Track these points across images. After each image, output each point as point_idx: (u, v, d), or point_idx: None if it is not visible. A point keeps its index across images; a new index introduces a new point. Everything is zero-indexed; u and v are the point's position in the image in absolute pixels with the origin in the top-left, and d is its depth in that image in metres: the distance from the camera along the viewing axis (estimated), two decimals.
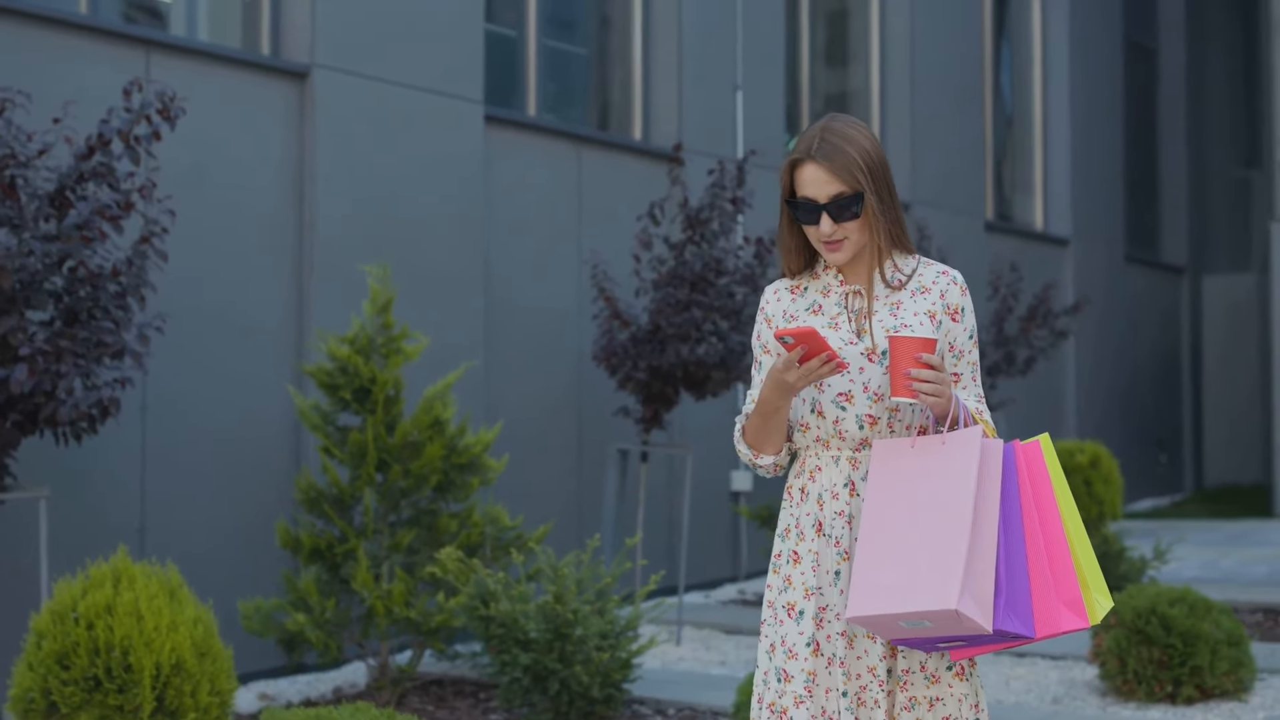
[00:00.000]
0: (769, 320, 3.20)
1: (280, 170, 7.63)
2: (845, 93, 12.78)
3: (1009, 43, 15.03)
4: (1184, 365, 17.82)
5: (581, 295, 9.18)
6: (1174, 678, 6.28)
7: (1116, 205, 16.16)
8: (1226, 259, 19.14)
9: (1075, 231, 15.07)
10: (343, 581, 6.56)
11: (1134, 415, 16.35)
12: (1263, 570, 9.96)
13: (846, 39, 12.83)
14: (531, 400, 8.86)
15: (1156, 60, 17.78)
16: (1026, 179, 15.20)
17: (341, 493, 6.47)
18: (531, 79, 9.58)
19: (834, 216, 3.04)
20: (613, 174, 9.64)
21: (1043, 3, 15.20)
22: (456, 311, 8.30)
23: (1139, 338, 16.63)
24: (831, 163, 3.03)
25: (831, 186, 3.03)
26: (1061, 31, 15.15)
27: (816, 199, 3.05)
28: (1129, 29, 16.88)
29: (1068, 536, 2.99)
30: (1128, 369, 16.19)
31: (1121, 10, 16.52)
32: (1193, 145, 18.06)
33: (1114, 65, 16.25)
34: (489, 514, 6.81)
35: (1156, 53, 17.75)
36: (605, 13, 10.41)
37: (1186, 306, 17.90)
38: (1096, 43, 15.82)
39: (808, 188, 3.05)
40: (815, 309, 3.15)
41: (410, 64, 8.17)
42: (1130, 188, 16.72)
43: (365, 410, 6.56)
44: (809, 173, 3.04)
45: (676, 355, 7.66)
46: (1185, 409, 17.72)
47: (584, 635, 5.83)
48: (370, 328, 6.69)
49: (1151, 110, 17.73)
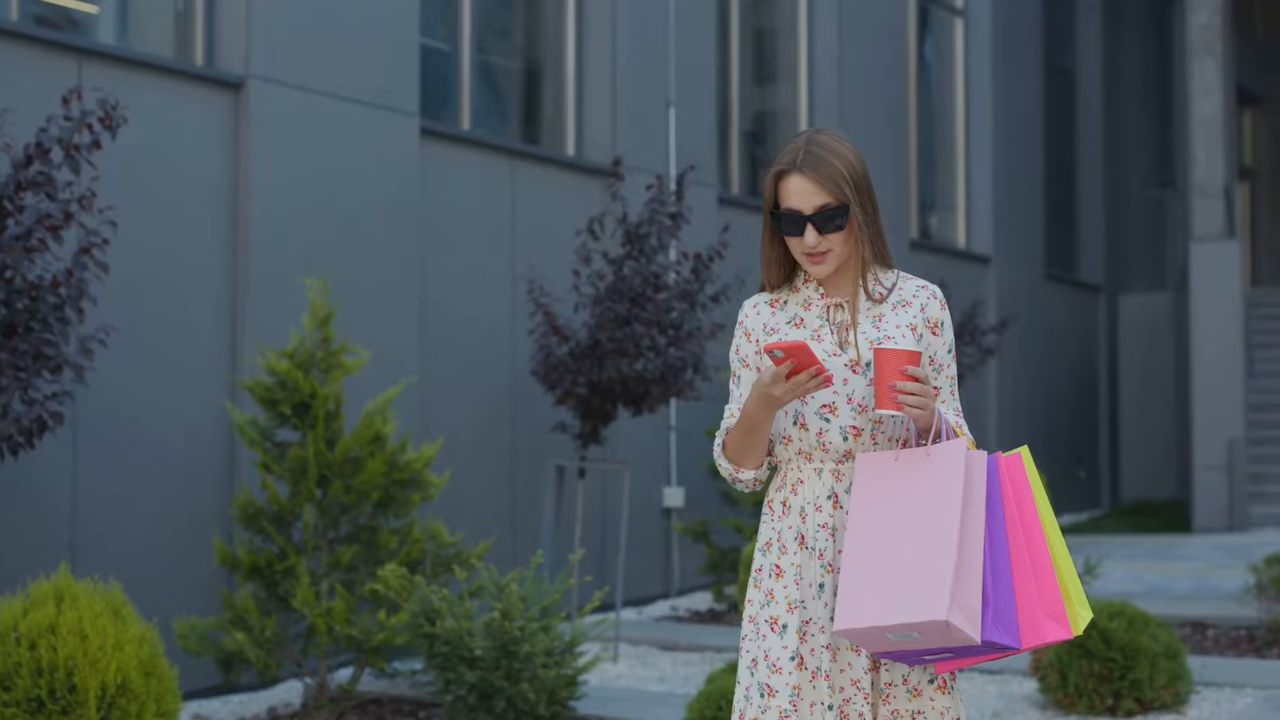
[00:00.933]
0: (748, 334, 3.18)
1: (215, 181, 7.52)
2: (774, 110, 12.83)
3: (933, 63, 15.18)
4: (1101, 383, 18.07)
5: (516, 309, 9.13)
6: (1114, 691, 6.33)
7: (1037, 224, 16.36)
8: (1142, 278, 19.45)
9: (997, 250, 15.23)
10: (280, 599, 6.46)
11: (1053, 431, 16.53)
12: (1187, 584, 10.09)
13: (776, 57, 12.89)
14: (465, 415, 8.79)
15: (1075, 82, 18.04)
16: (949, 197, 15.35)
17: (281, 509, 6.37)
18: (466, 93, 9.53)
19: (819, 228, 3.03)
20: (546, 188, 9.60)
21: (966, 25, 15.37)
22: (391, 325, 8.21)
23: (1058, 355, 16.83)
24: (817, 174, 3.01)
25: (817, 198, 3.02)
26: (984, 53, 15.33)
27: (801, 210, 3.03)
28: (1049, 51, 17.12)
29: (1050, 548, 3.00)
30: (1047, 386, 16.39)
31: (1042, 32, 16.74)
32: (1110, 166, 18.34)
33: (1034, 87, 16.47)
34: (429, 530, 6.74)
35: (1075, 74, 18.02)
36: (539, 28, 10.38)
37: (1103, 325, 18.15)
38: (1018, 64, 16.03)
39: (792, 199, 3.03)
40: (796, 322, 3.14)
41: (346, 76, 8.09)
42: (1049, 207, 16.94)
43: (305, 425, 6.47)
44: (794, 184, 3.02)
45: (617, 370, 7.63)
46: (1102, 425, 17.96)
47: (531, 652, 5.77)
48: (310, 342, 6.60)
49: (1070, 131, 17.98)
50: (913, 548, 2.94)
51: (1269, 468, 14.19)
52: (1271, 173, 24.40)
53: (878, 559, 2.96)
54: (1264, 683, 6.92)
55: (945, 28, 15.34)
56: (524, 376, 9.01)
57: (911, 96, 14.21)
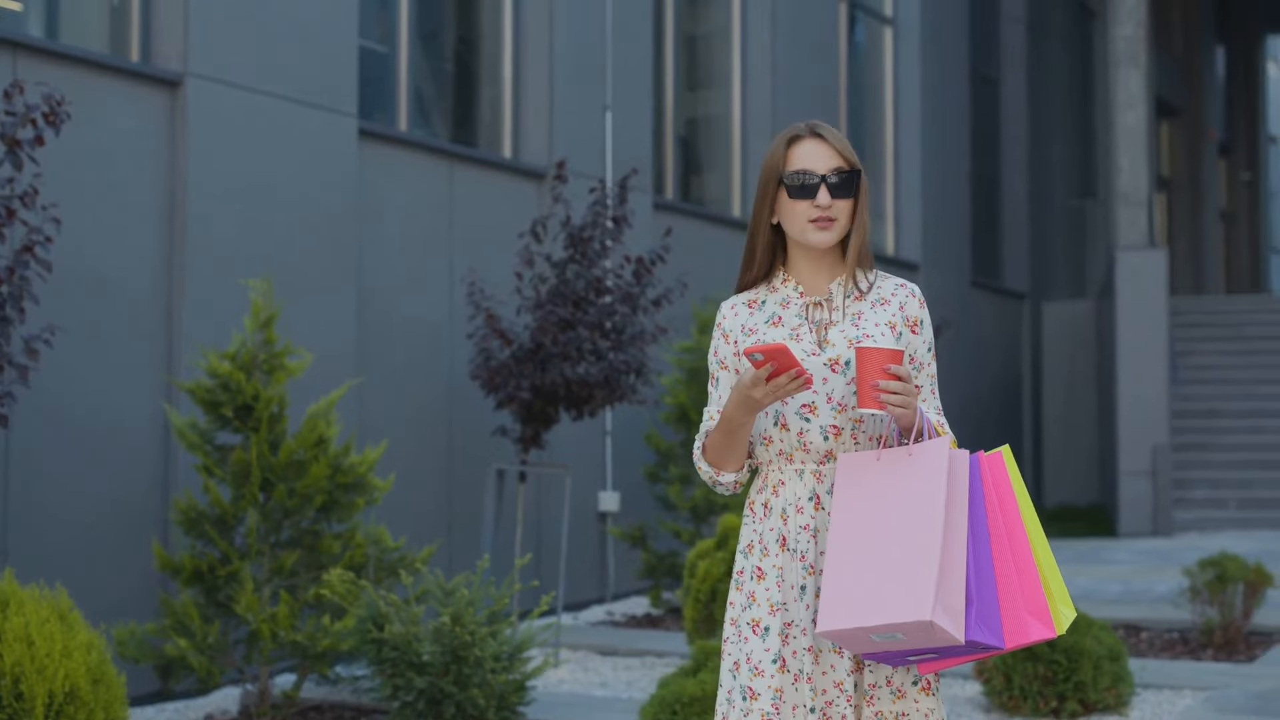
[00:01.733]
0: (726, 336, 3.16)
1: (151, 180, 7.40)
2: (708, 116, 12.85)
3: (862, 71, 15.27)
4: (1025, 389, 18.26)
5: (454, 312, 9.06)
6: (1058, 693, 6.38)
7: (963, 231, 16.51)
8: (1065, 286, 19.68)
9: (925, 257, 15.35)
10: (220, 605, 6.36)
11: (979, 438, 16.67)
12: (1116, 588, 10.20)
13: (710, 64, 12.91)
14: (402, 418, 8.71)
15: (999, 91, 18.23)
16: (878, 204, 15.45)
17: (224, 513, 6.27)
18: (403, 94, 9.46)
19: (831, 190, 3.04)
20: (484, 191, 9.55)
21: (895, 33, 15.49)
22: (328, 326, 8.12)
23: (985, 362, 16.99)
24: (833, 138, 3.08)
25: (831, 161, 3.06)
26: (912, 61, 15.45)
27: (815, 170, 3.04)
28: (974, 60, 17.28)
29: (1032, 546, 3.01)
30: (974, 392, 16.53)
31: (968, 41, 16.91)
32: (1033, 174, 18.55)
33: (960, 95, 16.62)
34: (371, 535, 6.67)
35: (999, 83, 18.21)
36: (477, 31, 10.33)
37: (1027, 332, 18.34)
38: (945, 73, 16.17)
39: (806, 160, 3.06)
40: (775, 321, 3.13)
41: (285, 75, 7.99)
42: (975, 214, 17.10)
43: (248, 428, 6.38)
44: (809, 147, 3.06)
45: (560, 374, 7.60)
46: (1026, 431, 18.15)
47: (480, 657, 5.72)
48: (252, 343, 6.51)
49: (995, 139, 18.17)
50: (896, 548, 2.93)
51: (1192, 473, 14.40)
52: (1187, 183, 24.81)
53: (861, 559, 2.96)
54: (1202, 684, 7.01)
55: (874, 36, 15.45)
56: (461, 379, 8.95)
57: (842, 104, 14.29)
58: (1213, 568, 8.00)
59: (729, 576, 7.15)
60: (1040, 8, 19.13)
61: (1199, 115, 25.02)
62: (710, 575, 7.11)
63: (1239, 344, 16.80)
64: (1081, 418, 17.61)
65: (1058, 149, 19.58)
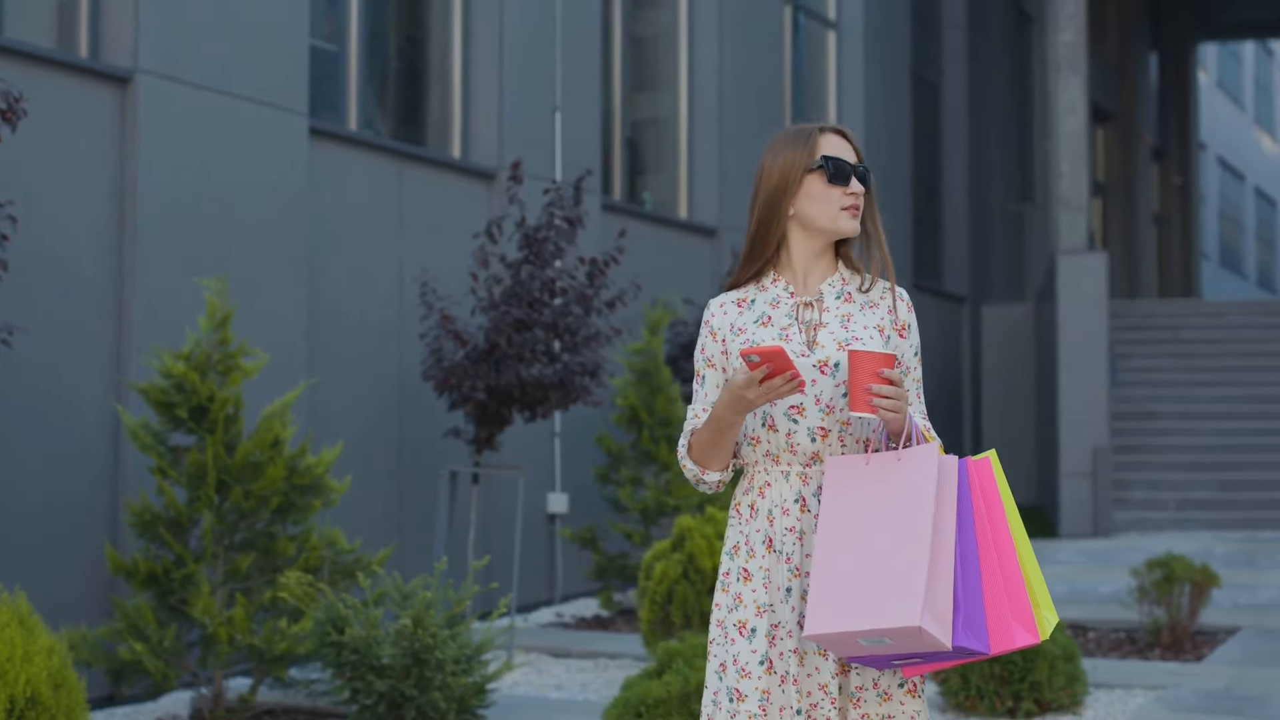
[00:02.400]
0: (714, 334, 3.16)
1: (100, 177, 7.30)
2: (655, 119, 12.86)
3: (806, 75, 15.33)
4: (965, 391, 18.40)
5: (403, 312, 9.01)
6: (1014, 693, 6.43)
7: (905, 235, 16.60)
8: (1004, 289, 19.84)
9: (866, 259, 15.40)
10: (172, 608, 6.28)
11: None
12: (1061, 588, 10.29)
13: (657, 66, 12.91)
14: (352, 419, 8.65)
15: (940, 95, 18.36)
16: None
17: (179, 515, 6.20)
18: (353, 93, 9.39)
19: (861, 180, 3.13)
20: (433, 190, 9.50)
21: (838, 36, 15.55)
22: (279, 326, 8.05)
23: (926, 364, 17.07)
24: (852, 138, 3.17)
25: (853, 156, 3.15)
26: (856, 65, 15.52)
27: (848, 159, 3.13)
28: (915, 64, 17.39)
29: (1017, 552, 3.02)
30: None
31: (909, 45, 17.01)
32: (973, 178, 18.69)
33: (902, 99, 16.72)
34: (326, 537, 6.62)
35: (940, 88, 18.33)
36: (426, 30, 10.27)
37: (967, 335, 18.49)
38: (887, 77, 16.26)
39: (836, 150, 3.14)
40: (764, 321, 3.13)
41: (235, 73, 7.92)
42: (916, 217, 17.21)
43: (202, 429, 6.30)
44: (837, 141, 3.14)
45: (516, 375, 7.57)
46: (966, 434, 18.29)
47: (442, 660, 5.68)
48: (207, 343, 6.43)
49: (935, 143, 18.29)
50: (884, 552, 2.94)
51: (1131, 475, 14.56)
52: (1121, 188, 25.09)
53: (849, 563, 2.96)
54: (1153, 683, 7.09)
55: (818, 39, 15.51)
56: (411, 380, 8.90)
57: (787, 106, 14.34)
58: (1160, 568, 8.09)
59: (685, 578, 7.16)
60: (980, 12, 19.29)
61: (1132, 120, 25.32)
62: (667, 577, 7.10)
63: (1175, 347, 17.01)
64: (1020, 420, 17.77)
65: (996, 153, 19.75)
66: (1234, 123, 43.40)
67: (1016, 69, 20.85)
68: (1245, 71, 46.30)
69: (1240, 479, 14.53)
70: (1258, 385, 16.19)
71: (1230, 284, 43.09)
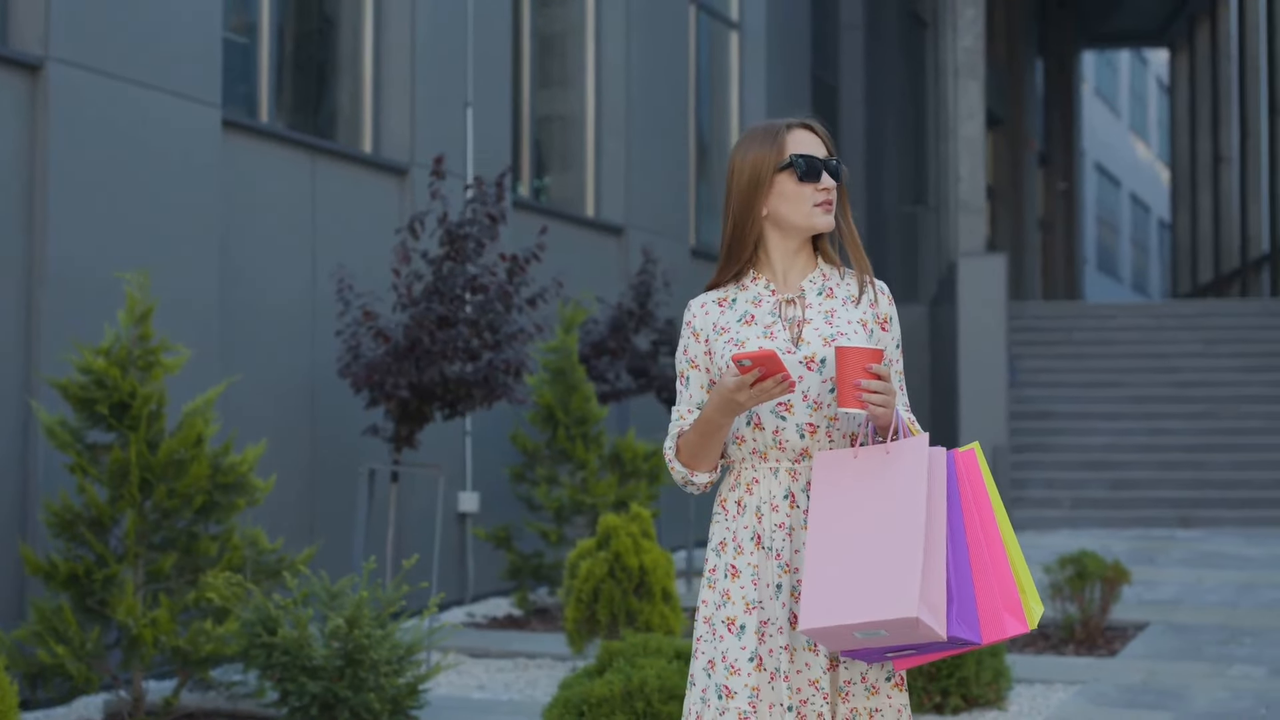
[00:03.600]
0: (696, 334, 3.14)
1: (10, 167, 7.09)
2: (563, 116, 12.81)
3: (709, 76, 15.37)
4: None
5: (318, 308, 8.87)
6: (942, 688, 6.48)
7: None
8: (898, 291, 20.04)
9: None
10: (89, 610, 6.12)
11: None
12: None
13: (565, 64, 12.86)
14: (266, 417, 8.49)
15: (838, 97, 18.51)
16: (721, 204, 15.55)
17: (100, 514, 6.03)
18: (265, 86, 9.23)
19: (832, 174, 3.10)
20: (346, 185, 9.37)
21: (741, 37, 15.62)
22: (193, 321, 7.88)
23: None
24: (820, 131, 3.15)
25: (823, 150, 3.13)
26: (759, 66, 15.59)
27: (817, 154, 3.11)
28: (815, 66, 17.52)
29: (1004, 542, 3.03)
30: None
31: (809, 48, 17.13)
32: (870, 180, 18.87)
33: (803, 101, 16.83)
34: (248, 536, 6.49)
35: (838, 90, 18.49)
36: (338, 25, 10.13)
37: None
38: (788, 78, 16.36)
39: (806, 147, 3.11)
40: (748, 319, 3.11)
41: (148, 63, 7.73)
42: None
43: (123, 426, 6.14)
44: (806, 137, 3.12)
45: (440, 373, 7.48)
46: None
47: (376, 661, 5.60)
48: (126, 338, 6.27)
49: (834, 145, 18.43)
50: (878, 545, 2.94)
51: (1028, 474, 14.79)
52: (1009, 193, 25.50)
53: (842, 557, 2.95)
54: (1072, 678, 7.19)
55: (721, 39, 15.56)
56: (325, 377, 8.76)
57: (691, 106, 14.36)
58: (1072, 565, 8.21)
59: (611, 577, 7.12)
60: (876, 16, 19.49)
61: (1020, 126, 25.77)
62: (593, 575, 7.06)
63: (1067, 348, 17.32)
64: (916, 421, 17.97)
65: (891, 155, 19.96)
66: (1110, 130, 44.37)
67: (910, 73, 21.11)
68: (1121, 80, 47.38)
69: (1131, 478, 14.84)
70: (1146, 386, 16.55)
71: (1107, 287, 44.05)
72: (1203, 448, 15.30)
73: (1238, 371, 16.65)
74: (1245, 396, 16.16)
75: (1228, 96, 27.69)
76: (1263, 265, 26.02)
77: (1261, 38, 25.48)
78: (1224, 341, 17.30)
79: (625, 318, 10.68)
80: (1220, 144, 28.06)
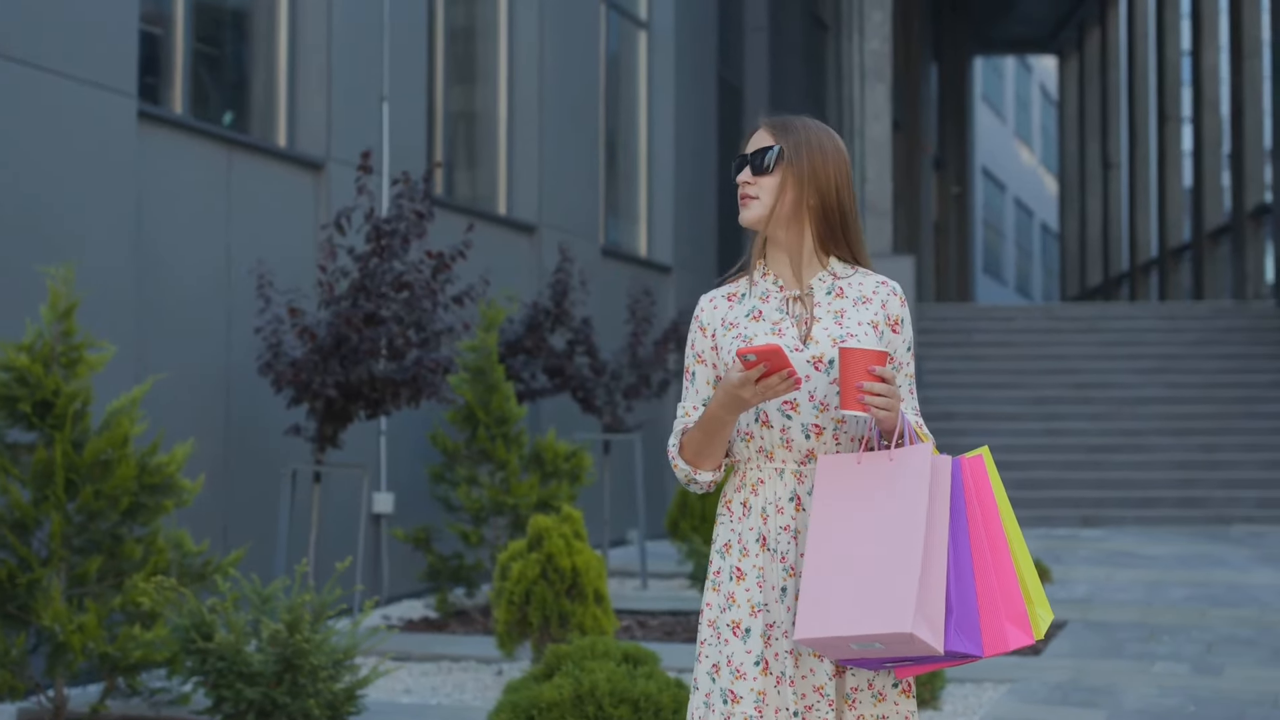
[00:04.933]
0: (704, 329, 3.08)
1: None
2: (475, 111, 12.68)
3: (619, 75, 15.32)
4: None
5: (234, 304, 8.67)
6: None
7: (711, 235, 16.73)
8: None
9: (677, 259, 15.49)
10: (9, 616, 5.90)
11: None
12: None
13: (476, 59, 12.73)
14: (184, 416, 8.28)
15: (742, 99, 18.55)
16: (632, 206, 15.52)
17: (24, 516, 5.82)
18: (179, 77, 9.00)
19: (753, 167, 3.05)
20: (261, 179, 9.18)
21: (649, 36, 15.59)
22: (107, 317, 7.65)
23: None
24: (773, 126, 3.08)
25: (763, 142, 3.08)
26: (667, 65, 15.57)
27: (745, 151, 3.09)
28: (721, 67, 17.54)
29: (1011, 550, 3.00)
30: None
31: (716, 47, 17.14)
32: None
33: (709, 101, 16.84)
34: (172, 539, 6.31)
35: (743, 91, 18.52)
36: (253, 17, 9.92)
37: None
38: (695, 78, 16.35)
39: (751, 146, 3.09)
40: (755, 315, 3.06)
41: (62, 51, 7.50)
42: (723, 219, 17.35)
43: (47, 425, 5.94)
44: (755, 134, 3.10)
45: (368, 371, 7.34)
46: None
47: (315, 666, 5.46)
48: (50, 335, 6.07)
49: (738, 146, 18.48)
50: (877, 556, 2.89)
51: None
52: (906, 197, 25.77)
53: (840, 565, 2.91)
54: (1001, 677, 7.24)
55: (630, 38, 15.51)
56: (242, 375, 8.57)
57: (601, 105, 14.30)
58: None
59: (544, 579, 7.03)
60: (779, 18, 19.56)
61: (916, 130, 26.04)
62: (525, 577, 6.96)
63: (967, 350, 17.52)
64: None
65: None
66: (996, 135, 45.08)
67: (811, 75, 21.21)
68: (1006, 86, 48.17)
69: (1034, 478, 15.03)
70: (1044, 388, 16.79)
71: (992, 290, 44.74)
72: (1103, 448, 15.55)
73: (1134, 374, 16.95)
74: (1142, 398, 16.45)
75: (1117, 103, 28.24)
76: (1151, 269, 26.57)
77: (1151, 45, 26.02)
78: (1120, 344, 17.61)
79: (541, 317, 10.59)
80: (1109, 150, 28.60)
